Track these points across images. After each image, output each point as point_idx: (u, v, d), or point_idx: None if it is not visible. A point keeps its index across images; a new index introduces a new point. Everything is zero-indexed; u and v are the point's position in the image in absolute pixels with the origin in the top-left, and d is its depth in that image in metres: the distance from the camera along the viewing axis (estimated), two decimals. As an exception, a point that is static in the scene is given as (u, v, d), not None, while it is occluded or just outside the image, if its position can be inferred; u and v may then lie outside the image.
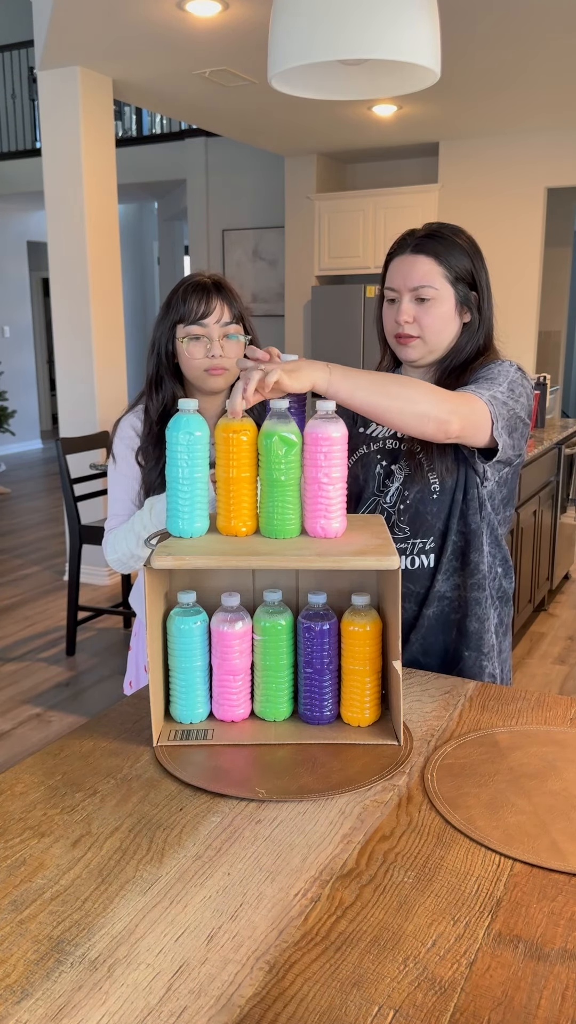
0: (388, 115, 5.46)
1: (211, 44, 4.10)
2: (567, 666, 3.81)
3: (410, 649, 1.56)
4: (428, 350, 1.46)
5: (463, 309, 1.47)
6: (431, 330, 1.44)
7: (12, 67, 8.97)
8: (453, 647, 1.55)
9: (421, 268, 1.43)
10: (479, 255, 1.47)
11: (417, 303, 1.44)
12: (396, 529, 1.52)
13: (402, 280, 1.44)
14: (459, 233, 1.46)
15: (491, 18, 3.75)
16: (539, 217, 6.10)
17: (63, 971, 0.78)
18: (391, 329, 1.48)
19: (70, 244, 4.68)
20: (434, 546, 1.51)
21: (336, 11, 1.48)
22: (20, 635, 4.27)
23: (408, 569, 1.52)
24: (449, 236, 1.45)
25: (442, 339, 1.46)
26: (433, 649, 1.55)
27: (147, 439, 1.60)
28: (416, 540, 1.51)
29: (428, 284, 1.42)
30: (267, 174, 7.43)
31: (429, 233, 1.45)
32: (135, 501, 1.62)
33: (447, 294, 1.43)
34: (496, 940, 0.81)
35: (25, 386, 10.28)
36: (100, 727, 1.25)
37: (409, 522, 1.51)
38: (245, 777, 1.10)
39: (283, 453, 1.17)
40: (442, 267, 1.43)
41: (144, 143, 8.04)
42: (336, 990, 0.76)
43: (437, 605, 1.52)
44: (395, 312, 1.46)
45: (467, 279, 1.45)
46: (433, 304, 1.43)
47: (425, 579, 1.52)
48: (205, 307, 1.53)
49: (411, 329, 1.44)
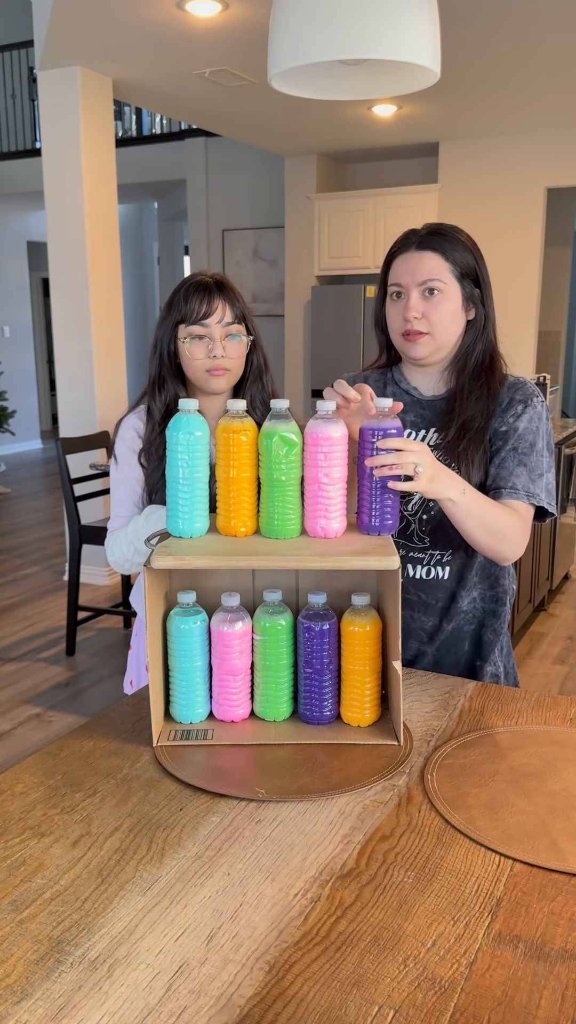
0: (388, 115, 5.46)
1: (211, 44, 4.10)
2: (567, 666, 3.81)
3: (423, 661, 1.54)
4: (436, 347, 1.46)
5: (468, 305, 1.47)
6: (440, 326, 1.44)
7: (12, 67, 8.97)
8: (467, 658, 1.55)
9: (428, 263, 1.43)
10: (480, 253, 1.48)
11: (425, 299, 1.43)
12: (416, 538, 1.50)
13: (410, 276, 1.43)
14: (460, 232, 1.47)
15: (491, 18, 3.75)
16: (539, 217, 6.10)
17: (63, 971, 0.78)
18: (398, 327, 1.47)
19: (70, 244, 4.68)
20: (452, 559, 1.50)
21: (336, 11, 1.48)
22: (20, 635, 4.27)
23: (423, 579, 1.51)
24: (452, 234, 1.46)
25: (450, 336, 1.46)
26: (446, 660, 1.54)
27: (150, 440, 1.60)
28: (435, 551, 1.50)
29: (437, 278, 1.42)
30: (267, 174, 7.43)
31: (432, 231, 1.46)
32: (137, 503, 1.62)
33: (454, 289, 1.44)
34: (496, 940, 0.81)
35: (25, 386, 10.28)
36: (100, 727, 1.25)
37: (430, 533, 1.49)
38: (245, 777, 1.10)
39: (283, 453, 1.17)
40: (448, 262, 1.43)
41: (144, 143, 8.04)
42: (336, 990, 0.76)
43: (457, 619, 1.52)
44: (402, 308, 1.45)
45: (471, 275, 1.45)
46: (441, 299, 1.43)
47: (441, 591, 1.51)
48: (207, 307, 1.53)
49: (420, 325, 1.43)
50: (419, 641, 1.54)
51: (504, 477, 1.42)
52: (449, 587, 1.51)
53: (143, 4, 3.60)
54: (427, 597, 1.52)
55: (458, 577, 1.50)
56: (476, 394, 1.46)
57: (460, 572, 1.50)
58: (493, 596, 1.53)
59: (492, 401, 1.46)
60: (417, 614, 1.52)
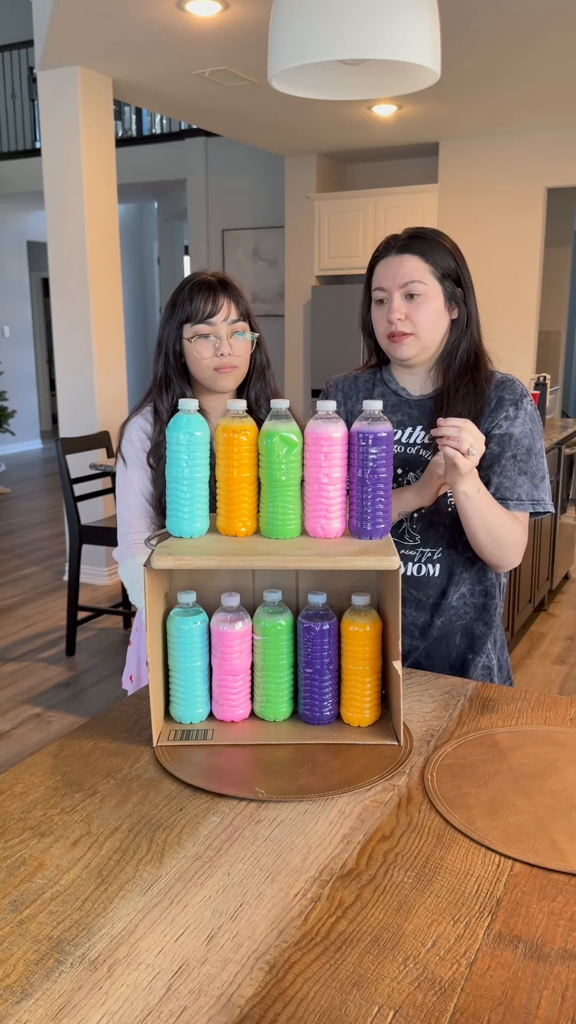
0: (388, 115, 5.46)
1: (211, 44, 4.10)
2: (567, 666, 3.81)
3: (415, 655, 1.56)
4: (421, 347, 1.48)
5: (451, 305, 1.49)
6: (423, 326, 1.46)
7: (12, 67, 8.97)
8: (459, 651, 1.57)
9: (409, 265, 1.45)
10: (461, 255, 1.51)
11: (407, 301, 1.46)
12: (407, 536, 1.54)
13: (391, 279, 1.46)
14: (440, 235, 1.50)
15: (491, 17, 3.75)
16: (539, 217, 6.10)
17: (63, 971, 0.78)
18: (383, 330, 1.49)
19: (70, 244, 4.68)
20: (442, 556, 1.52)
21: (336, 11, 1.49)
22: (20, 635, 4.27)
23: (415, 576, 1.54)
24: (431, 236, 1.49)
25: (434, 335, 1.48)
26: (438, 654, 1.56)
27: (158, 441, 1.59)
28: (425, 549, 1.53)
29: (418, 280, 1.45)
30: (267, 174, 7.43)
31: (412, 235, 1.49)
32: (150, 503, 1.60)
33: (436, 290, 1.46)
34: (496, 940, 0.81)
35: (25, 386, 10.28)
36: (100, 727, 1.25)
37: (421, 531, 1.53)
38: (245, 777, 1.10)
39: (283, 453, 1.17)
40: (428, 264, 1.46)
41: (144, 143, 8.04)
42: (336, 990, 0.76)
43: (447, 614, 1.54)
44: (386, 312, 1.47)
45: (452, 276, 1.48)
46: (423, 300, 1.45)
47: (432, 588, 1.54)
48: (212, 305, 1.52)
49: (404, 326, 1.46)
50: (411, 636, 1.56)
51: (508, 488, 1.46)
52: (439, 583, 1.54)
53: (143, 4, 3.60)
54: (418, 593, 1.55)
55: (448, 574, 1.53)
56: (463, 392, 1.49)
57: (450, 569, 1.53)
58: (482, 590, 1.55)
59: (480, 399, 1.49)
60: (408, 610, 1.55)
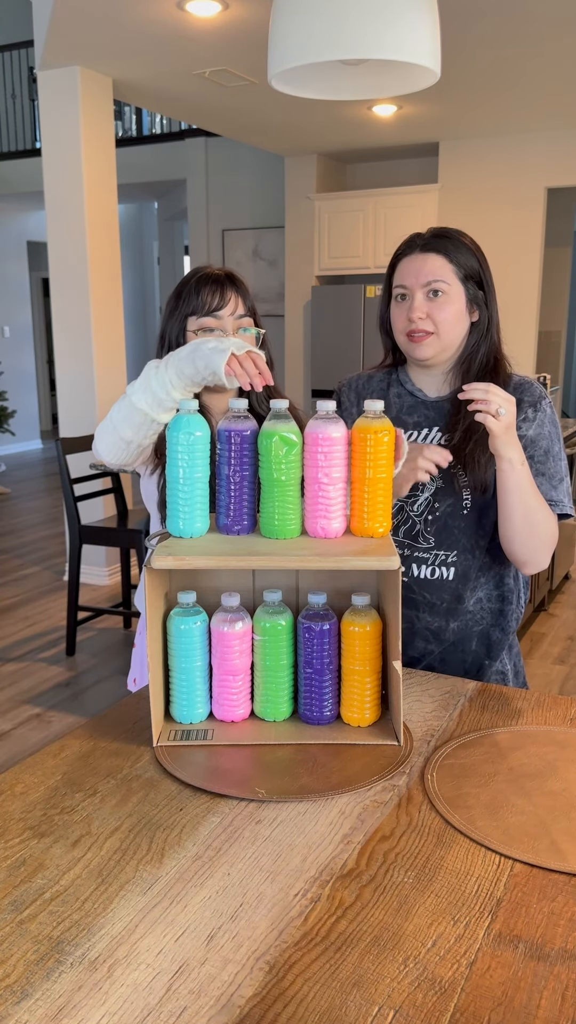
0: (388, 115, 5.46)
1: (211, 44, 4.10)
2: (567, 666, 3.81)
3: (428, 659, 1.54)
4: (441, 347, 1.46)
5: (472, 307, 1.48)
6: (444, 326, 1.44)
7: (12, 67, 8.96)
8: (475, 657, 1.55)
9: (433, 264, 1.44)
10: (484, 256, 1.50)
11: (429, 299, 1.44)
12: (420, 538, 1.51)
13: (414, 277, 1.45)
14: (464, 235, 1.49)
15: (491, 18, 3.75)
16: (539, 217, 6.10)
17: (63, 971, 0.78)
18: (402, 327, 1.47)
19: (70, 244, 4.68)
20: (456, 559, 1.50)
21: (336, 11, 1.48)
22: (20, 635, 4.27)
23: (427, 579, 1.51)
24: (456, 236, 1.47)
25: (454, 336, 1.47)
26: (453, 659, 1.54)
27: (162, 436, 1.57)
28: (440, 552, 1.50)
29: (441, 279, 1.44)
30: (267, 174, 7.42)
31: (437, 234, 1.47)
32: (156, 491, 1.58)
33: (458, 291, 1.45)
34: (496, 940, 0.81)
35: (25, 386, 10.27)
36: (100, 727, 1.25)
37: (435, 533, 1.50)
38: (245, 777, 1.10)
39: (283, 453, 1.17)
40: (452, 264, 1.44)
41: (144, 143, 8.04)
42: (336, 990, 0.75)
43: (463, 619, 1.52)
44: (407, 309, 1.46)
45: (475, 277, 1.47)
46: (445, 300, 1.44)
47: (446, 591, 1.51)
48: (220, 299, 1.50)
49: (425, 325, 1.44)
50: (425, 640, 1.53)
51: None
52: (454, 588, 1.51)
53: (143, 4, 3.60)
54: (432, 597, 1.51)
55: (463, 578, 1.50)
56: None
57: (464, 573, 1.50)
58: (499, 596, 1.53)
59: None
60: (422, 614, 1.52)
